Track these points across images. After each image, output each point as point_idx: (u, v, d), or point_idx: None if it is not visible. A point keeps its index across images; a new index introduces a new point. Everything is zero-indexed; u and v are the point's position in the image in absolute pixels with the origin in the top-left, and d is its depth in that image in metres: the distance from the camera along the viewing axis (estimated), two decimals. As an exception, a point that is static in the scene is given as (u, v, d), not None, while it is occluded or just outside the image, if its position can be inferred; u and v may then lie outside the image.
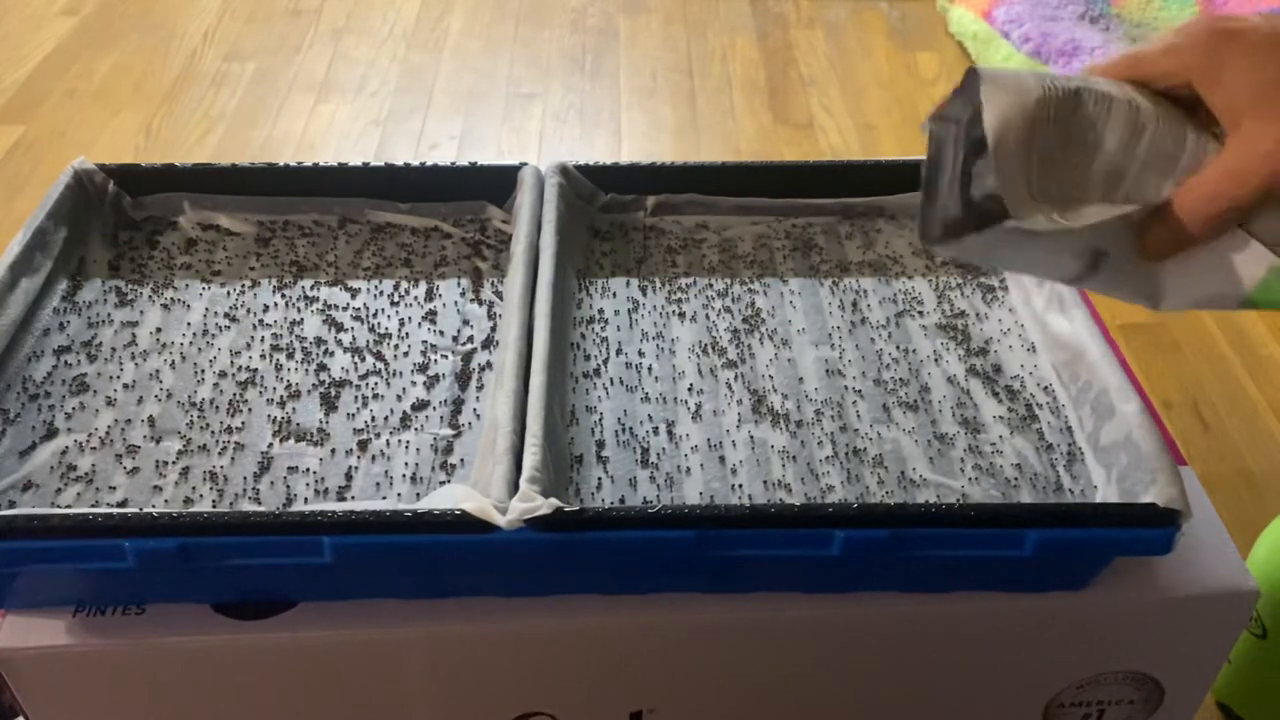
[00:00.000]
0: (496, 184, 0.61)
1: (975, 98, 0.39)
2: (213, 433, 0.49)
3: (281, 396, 0.51)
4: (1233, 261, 0.41)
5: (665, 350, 0.54)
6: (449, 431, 0.49)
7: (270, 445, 0.49)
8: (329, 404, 0.51)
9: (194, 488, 0.47)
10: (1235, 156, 0.38)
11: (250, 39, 1.45)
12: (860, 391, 0.52)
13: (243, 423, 0.50)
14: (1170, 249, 0.41)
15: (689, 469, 0.48)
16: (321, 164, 0.62)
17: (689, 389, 0.52)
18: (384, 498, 0.46)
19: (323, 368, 0.53)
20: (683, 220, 0.62)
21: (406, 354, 0.54)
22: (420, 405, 0.51)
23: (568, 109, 1.32)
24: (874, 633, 0.48)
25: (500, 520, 0.41)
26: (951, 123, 0.41)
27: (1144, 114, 0.40)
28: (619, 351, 0.54)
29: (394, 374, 0.52)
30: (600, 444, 0.49)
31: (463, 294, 0.57)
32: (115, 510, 0.43)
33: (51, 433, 0.49)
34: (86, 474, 0.47)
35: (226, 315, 0.55)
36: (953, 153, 0.41)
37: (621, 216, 0.62)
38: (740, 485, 0.47)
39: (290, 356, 0.53)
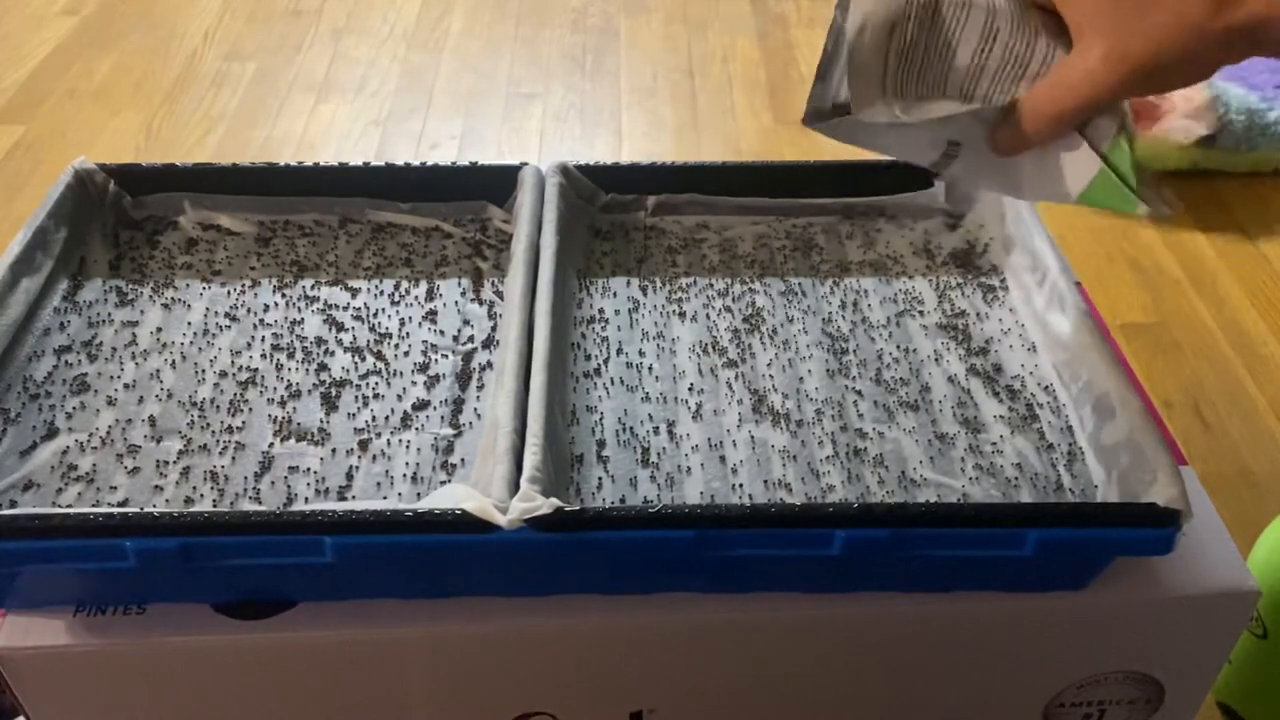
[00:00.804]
0: (497, 184, 0.61)
1: None
2: (213, 432, 0.49)
3: (282, 396, 0.51)
4: (1068, 161, 0.45)
5: (666, 350, 0.54)
6: (449, 431, 0.49)
7: (271, 445, 0.49)
8: (330, 404, 0.51)
9: (195, 487, 0.47)
10: (1069, 66, 0.42)
11: (250, 39, 1.45)
12: (861, 391, 0.52)
13: (243, 422, 0.50)
14: (1015, 147, 0.46)
15: (689, 469, 0.48)
16: (322, 164, 0.62)
17: (689, 389, 0.52)
18: (384, 497, 0.46)
19: (323, 367, 0.53)
20: (683, 220, 0.62)
21: (407, 354, 0.54)
22: (421, 405, 0.51)
23: (568, 109, 1.33)
24: (874, 633, 0.48)
25: (501, 520, 0.41)
26: (839, 11, 0.45)
27: (1000, 18, 0.44)
28: (619, 351, 0.54)
29: (394, 374, 0.52)
30: (601, 444, 0.49)
31: (463, 294, 0.57)
32: (116, 510, 0.43)
33: (52, 432, 0.49)
34: (87, 474, 0.47)
35: (227, 315, 0.55)
36: (833, 40, 0.45)
37: (622, 216, 0.62)
38: (741, 485, 0.47)
39: (291, 356, 0.53)
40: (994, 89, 0.45)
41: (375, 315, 0.56)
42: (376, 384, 0.52)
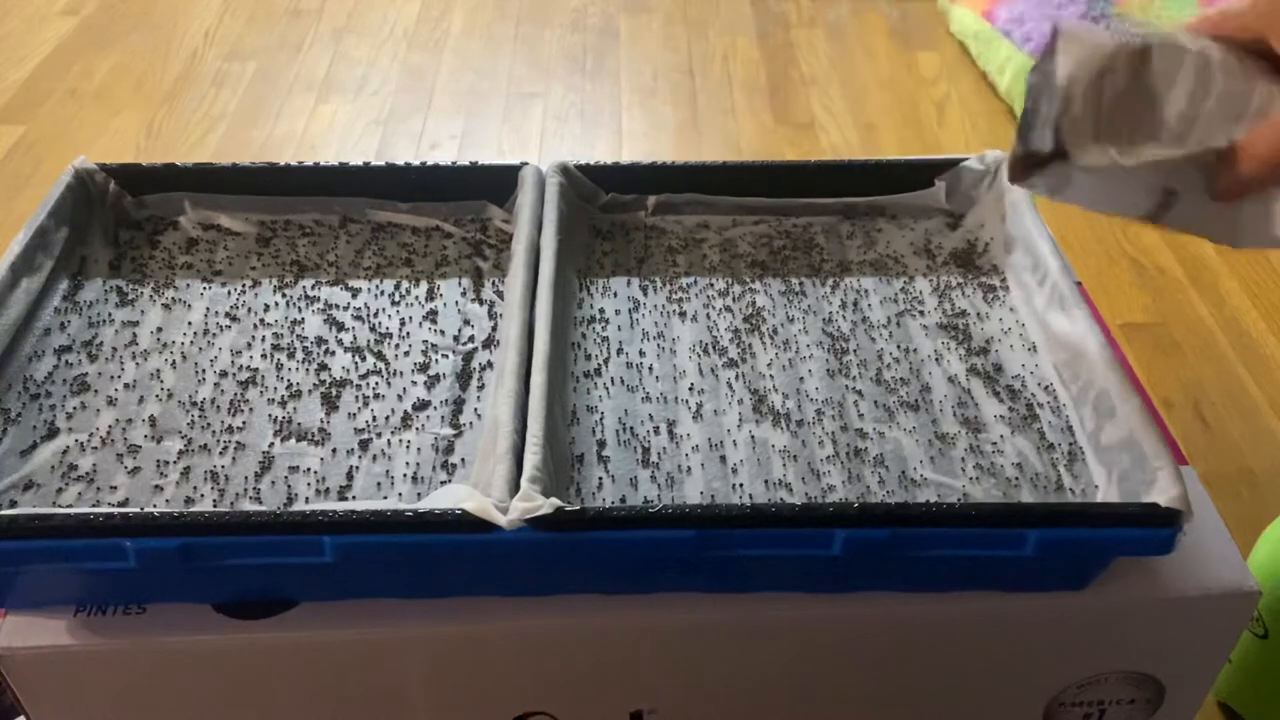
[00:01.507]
0: (497, 183, 0.61)
1: (1055, 48, 0.43)
2: (214, 432, 0.49)
3: (282, 396, 0.51)
4: None
5: (666, 350, 0.54)
6: (450, 431, 0.49)
7: (271, 445, 0.49)
8: (330, 403, 0.51)
9: (195, 487, 0.47)
10: None
11: (251, 39, 1.45)
12: (861, 391, 0.52)
13: (244, 422, 0.50)
14: (1239, 190, 0.43)
15: (690, 468, 0.48)
16: (322, 164, 0.62)
17: (690, 388, 0.52)
18: (385, 497, 0.46)
19: (324, 367, 0.53)
20: (684, 220, 0.62)
21: (407, 354, 0.54)
22: (421, 405, 0.51)
23: (568, 109, 1.33)
24: (874, 633, 0.48)
25: (501, 520, 0.41)
26: (1046, 74, 0.44)
27: (1214, 65, 0.43)
28: (620, 351, 0.54)
29: (395, 374, 0.52)
30: (601, 443, 0.49)
31: (463, 293, 0.57)
32: (116, 510, 0.43)
33: (52, 432, 0.49)
34: (87, 474, 0.47)
35: (227, 315, 0.55)
36: (1048, 99, 0.44)
37: (622, 216, 0.62)
38: (741, 485, 0.47)
39: (291, 356, 0.53)
40: (1211, 135, 0.43)
41: (375, 315, 0.56)
42: (377, 384, 0.52)
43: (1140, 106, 0.44)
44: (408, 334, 0.55)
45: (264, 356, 0.53)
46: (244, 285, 0.57)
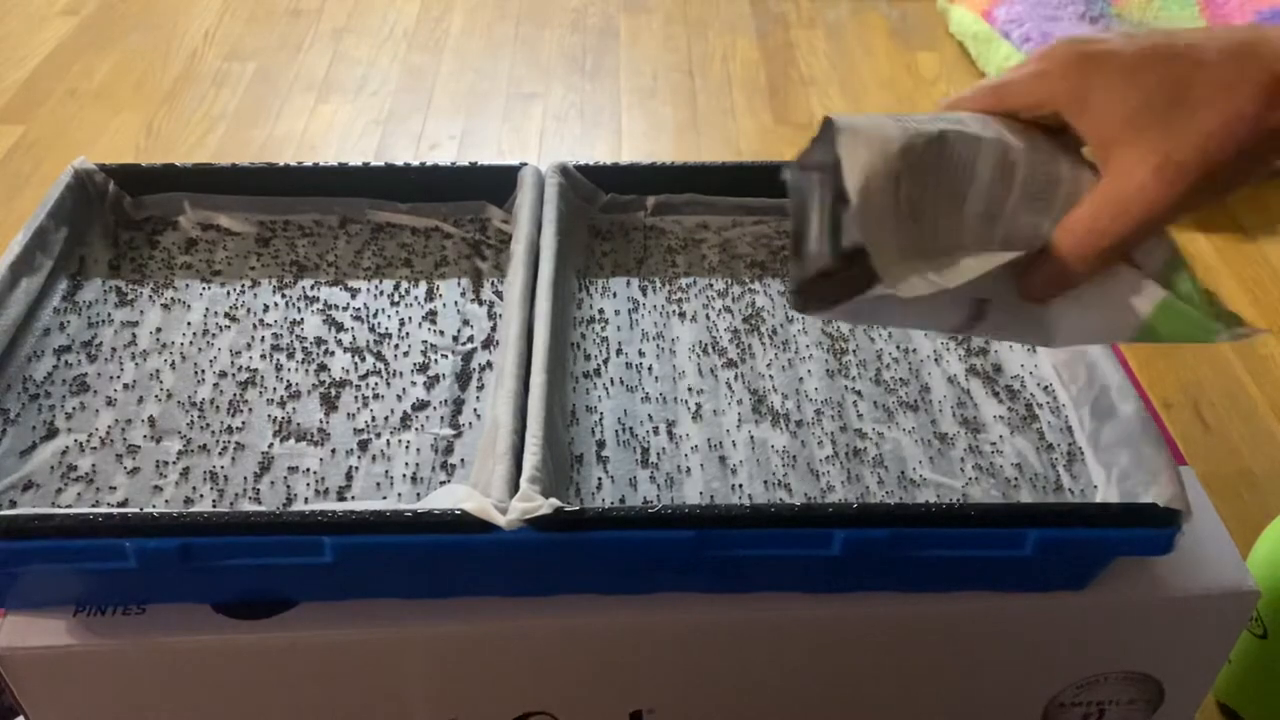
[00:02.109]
0: (497, 184, 0.61)
1: (835, 148, 0.37)
2: (213, 433, 0.49)
3: (282, 396, 0.51)
4: (1121, 295, 0.39)
5: (665, 350, 0.54)
6: (449, 431, 0.49)
7: (271, 445, 0.49)
8: (329, 404, 0.51)
9: (194, 488, 0.47)
10: (1112, 189, 0.37)
11: (251, 39, 1.45)
12: (860, 391, 0.52)
13: (243, 423, 0.50)
14: (1053, 289, 0.39)
15: (689, 469, 0.48)
16: (322, 164, 0.62)
17: (689, 389, 0.52)
18: (384, 498, 0.46)
19: (323, 368, 0.53)
20: (683, 220, 0.62)
21: (407, 354, 0.54)
22: (420, 405, 0.51)
23: (568, 109, 1.32)
24: (874, 633, 0.48)
25: (500, 520, 0.41)
26: (814, 171, 0.38)
27: (1013, 151, 0.38)
28: (619, 351, 0.54)
29: (394, 374, 0.52)
30: (600, 444, 0.49)
31: (463, 294, 0.57)
32: (116, 510, 0.43)
33: (52, 433, 0.49)
34: (87, 474, 0.47)
35: (227, 315, 0.55)
36: (819, 202, 0.38)
37: (622, 216, 0.62)
38: (740, 485, 0.47)
39: (290, 356, 0.53)
40: (1018, 229, 0.39)
41: (375, 315, 0.56)
42: (376, 384, 0.52)
43: (940, 208, 0.38)
44: (407, 334, 0.55)
45: (263, 357, 0.53)
46: (243, 285, 0.57)
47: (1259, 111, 0.35)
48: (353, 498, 0.46)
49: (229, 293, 0.57)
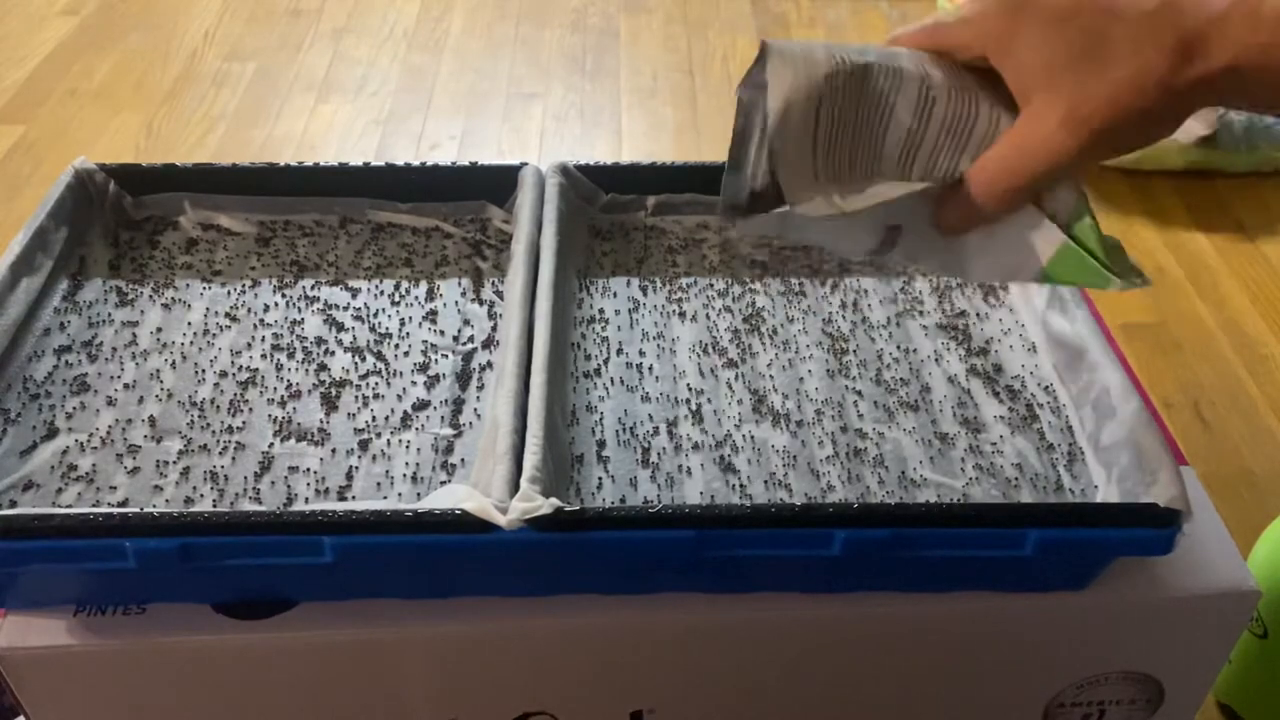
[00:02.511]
0: (497, 184, 0.61)
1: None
2: (213, 432, 0.49)
3: (282, 396, 0.51)
4: (1029, 237, 0.41)
5: (666, 350, 0.54)
6: (449, 431, 0.49)
7: (271, 445, 0.49)
8: (330, 404, 0.51)
9: (194, 487, 0.47)
10: (1023, 134, 0.38)
11: (251, 39, 1.45)
12: (861, 391, 0.52)
13: (243, 422, 0.50)
14: (965, 224, 0.41)
15: (689, 469, 0.48)
16: (322, 164, 0.62)
17: (689, 389, 0.52)
18: (385, 497, 0.46)
19: (323, 367, 0.53)
20: (683, 220, 0.62)
21: (407, 354, 0.54)
22: (421, 405, 0.51)
23: (568, 109, 1.32)
24: (874, 633, 0.48)
25: (501, 520, 0.41)
26: (759, 90, 0.40)
27: (936, 87, 0.40)
28: (619, 351, 0.54)
29: (394, 374, 0.52)
30: (601, 444, 0.49)
31: (463, 294, 0.57)
32: (116, 510, 0.43)
33: (52, 432, 0.49)
34: (87, 474, 0.47)
35: (227, 315, 0.55)
36: (760, 124, 0.39)
37: (622, 216, 0.62)
38: (741, 485, 0.47)
39: (291, 356, 0.53)
40: (935, 163, 0.40)
41: (375, 315, 0.56)
42: (376, 384, 0.52)
43: (860, 136, 0.40)
44: (407, 334, 0.55)
45: (264, 357, 0.53)
46: (244, 285, 0.57)
47: (1166, 71, 0.36)
48: (353, 498, 0.46)
49: (229, 293, 0.57)
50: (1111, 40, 0.36)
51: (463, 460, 0.48)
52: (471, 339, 0.55)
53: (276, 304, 0.56)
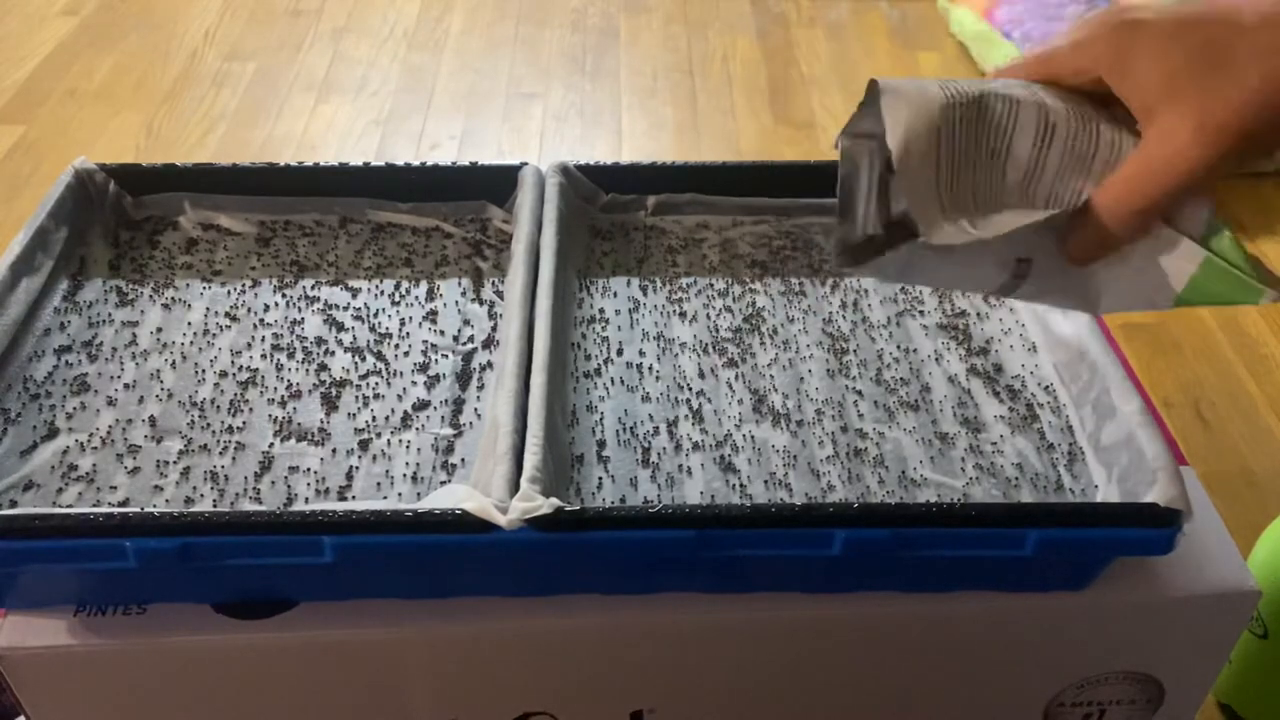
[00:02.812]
0: (497, 184, 0.61)
1: (878, 108, 0.38)
2: (213, 432, 0.49)
3: (282, 396, 0.51)
4: (1164, 259, 0.40)
5: (666, 350, 0.54)
6: (450, 431, 0.49)
7: (271, 445, 0.49)
8: (330, 404, 0.51)
9: (195, 487, 0.47)
10: (1152, 151, 0.37)
11: (251, 39, 1.45)
12: (861, 391, 0.52)
13: (244, 422, 0.50)
14: (1095, 251, 0.40)
15: (689, 469, 0.48)
16: (322, 164, 0.62)
17: (690, 389, 0.52)
18: (385, 497, 0.46)
19: (323, 367, 0.53)
20: (683, 220, 0.62)
21: (407, 354, 0.54)
22: (421, 405, 0.51)
23: (568, 109, 1.33)
24: (874, 633, 0.48)
25: (501, 520, 0.41)
26: (865, 138, 0.39)
27: (1054, 113, 0.39)
28: (620, 351, 0.54)
29: (395, 374, 0.52)
30: (601, 444, 0.49)
31: (463, 294, 0.57)
32: (116, 510, 0.43)
33: (52, 432, 0.49)
34: (87, 474, 0.47)
35: (227, 315, 0.55)
36: (868, 169, 0.39)
37: (622, 216, 0.62)
38: (741, 485, 0.47)
39: (291, 356, 0.53)
40: (1059, 192, 0.39)
41: (375, 315, 0.56)
42: (376, 384, 0.52)
43: (981, 168, 0.39)
44: (407, 334, 0.55)
45: (264, 357, 0.53)
46: (244, 285, 0.57)
47: None
48: (353, 498, 0.46)
49: (229, 292, 0.57)
50: (1234, 49, 0.36)
51: (463, 460, 0.48)
52: (471, 339, 0.55)
53: (276, 304, 0.56)
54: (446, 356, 0.53)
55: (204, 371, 0.52)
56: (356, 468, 0.48)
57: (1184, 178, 0.37)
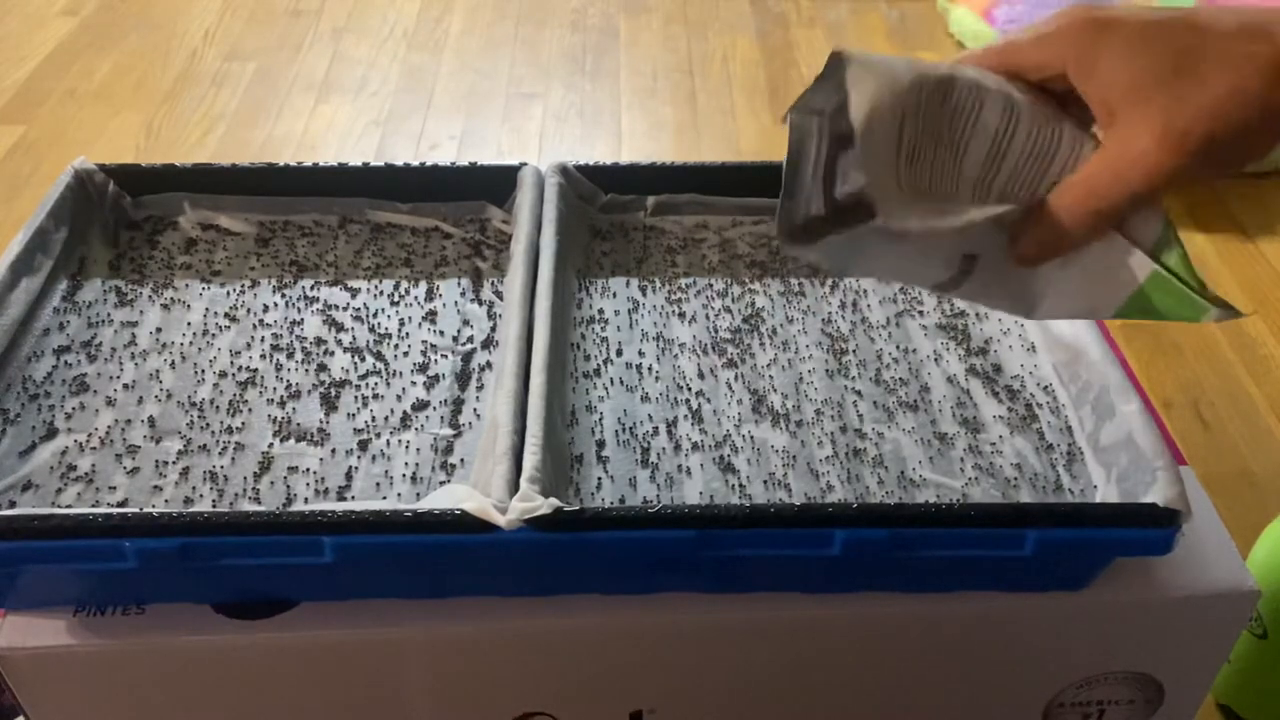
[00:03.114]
0: (496, 184, 0.61)
1: (842, 85, 0.36)
2: (213, 433, 0.49)
3: (281, 396, 0.51)
4: (1112, 266, 0.38)
5: (665, 350, 0.54)
6: (449, 431, 0.49)
7: (270, 445, 0.49)
8: (329, 404, 0.51)
9: (194, 488, 0.47)
10: (1112, 154, 0.37)
11: (251, 39, 1.45)
12: (860, 391, 0.52)
13: (243, 423, 0.50)
14: (1045, 252, 0.39)
15: (689, 469, 0.48)
16: (321, 164, 0.62)
17: (689, 389, 0.52)
18: (384, 498, 0.46)
19: (323, 368, 0.53)
20: (683, 220, 0.62)
21: (406, 354, 0.54)
22: (420, 405, 0.51)
23: (568, 109, 1.32)
24: (874, 633, 0.48)
25: (500, 520, 0.41)
26: (815, 114, 0.37)
27: (1019, 108, 0.38)
28: (619, 351, 0.54)
29: (394, 374, 0.52)
30: (600, 444, 0.49)
31: (463, 294, 0.57)
32: (115, 510, 0.43)
33: (51, 433, 0.49)
34: (87, 474, 0.47)
35: (226, 315, 0.55)
36: (816, 146, 0.37)
37: (621, 216, 0.62)
38: (740, 485, 0.47)
39: (290, 356, 0.53)
40: (1014, 188, 0.38)
41: (375, 315, 0.56)
42: (376, 384, 0.52)
43: (941, 155, 0.37)
44: (407, 334, 0.55)
45: (263, 357, 0.53)
46: (243, 285, 0.57)
47: (1264, 88, 0.35)
48: (353, 498, 0.46)
49: (229, 293, 0.57)
50: (1204, 57, 0.35)
51: (462, 460, 0.48)
52: (471, 339, 0.55)
53: (276, 304, 0.56)
54: (446, 357, 0.53)
55: (203, 372, 0.52)
56: (356, 468, 0.48)
57: (1143, 183, 0.36)
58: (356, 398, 0.51)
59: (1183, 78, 0.35)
